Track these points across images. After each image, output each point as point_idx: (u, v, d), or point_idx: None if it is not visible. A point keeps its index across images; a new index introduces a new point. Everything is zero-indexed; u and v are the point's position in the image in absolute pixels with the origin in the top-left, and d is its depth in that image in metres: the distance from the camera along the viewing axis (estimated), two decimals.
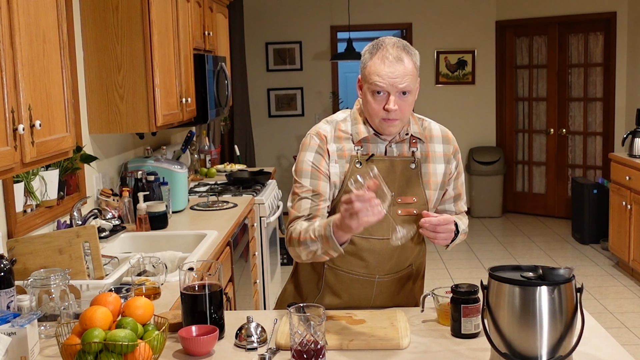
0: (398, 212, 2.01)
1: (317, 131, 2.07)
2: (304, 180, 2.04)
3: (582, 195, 6.41)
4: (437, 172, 2.07)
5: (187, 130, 4.86)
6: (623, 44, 6.84)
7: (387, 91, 1.93)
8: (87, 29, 3.17)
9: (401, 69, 1.93)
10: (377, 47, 1.97)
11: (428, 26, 7.62)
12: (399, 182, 2.02)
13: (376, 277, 2.08)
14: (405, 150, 2.05)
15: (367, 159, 2.01)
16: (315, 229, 1.90)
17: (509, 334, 1.58)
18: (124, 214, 3.21)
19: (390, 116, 1.94)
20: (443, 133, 2.12)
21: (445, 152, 2.09)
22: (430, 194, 2.05)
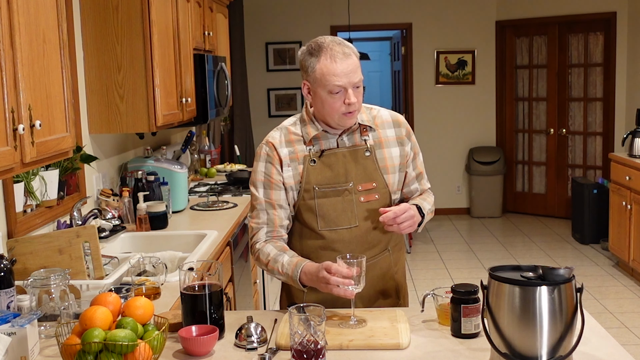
0: (361, 199, 2.08)
1: (266, 140, 2.15)
2: (258, 190, 2.12)
3: (582, 195, 6.41)
4: (393, 156, 2.14)
5: (187, 130, 4.86)
6: (623, 44, 6.84)
7: (344, 87, 1.99)
8: (87, 29, 3.17)
9: (352, 64, 2.00)
10: (319, 48, 2.01)
11: (428, 26, 7.62)
12: (356, 170, 2.09)
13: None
14: (357, 139, 2.12)
15: (319, 156, 2.09)
16: (283, 265, 2.01)
17: (509, 334, 1.58)
18: (124, 214, 3.21)
19: (350, 109, 2.02)
20: (393, 118, 2.19)
21: (398, 135, 2.16)
22: (389, 178, 2.12)
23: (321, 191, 2.08)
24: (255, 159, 2.14)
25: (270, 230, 2.10)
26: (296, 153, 2.10)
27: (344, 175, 2.08)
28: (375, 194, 2.10)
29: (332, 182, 2.08)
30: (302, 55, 2.05)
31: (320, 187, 2.08)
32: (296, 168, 2.10)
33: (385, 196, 2.12)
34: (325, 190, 2.08)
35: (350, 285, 1.84)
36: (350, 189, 2.08)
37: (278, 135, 2.14)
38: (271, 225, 2.10)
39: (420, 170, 2.22)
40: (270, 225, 2.10)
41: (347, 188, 2.08)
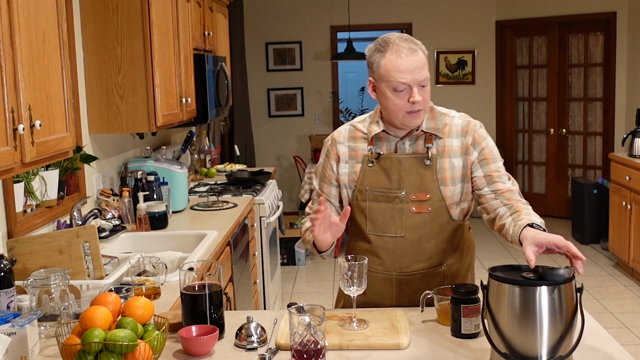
0: (412, 209, 2.02)
1: (332, 134, 2.16)
2: (315, 181, 2.19)
3: (582, 195, 6.41)
4: (455, 167, 2.03)
5: (187, 130, 4.86)
6: (623, 44, 6.84)
7: (409, 85, 1.93)
8: (87, 29, 3.17)
9: (418, 61, 1.94)
10: (386, 44, 1.96)
11: (428, 26, 7.62)
12: (411, 178, 2.02)
13: (393, 274, 2.09)
14: (420, 146, 2.05)
15: (375, 158, 2.05)
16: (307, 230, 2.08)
17: (509, 334, 1.57)
18: (124, 214, 3.21)
19: (415, 108, 1.95)
20: (463, 127, 2.06)
21: (463, 144, 2.04)
22: (446, 190, 2.03)
23: (373, 194, 2.05)
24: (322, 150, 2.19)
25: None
26: (357, 151, 2.08)
27: (397, 182, 2.03)
28: (428, 206, 2.03)
29: (385, 187, 2.04)
30: (369, 51, 2.01)
31: (373, 190, 2.05)
32: (353, 166, 2.08)
33: (440, 210, 2.04)
34: (377, 194, 2.05)
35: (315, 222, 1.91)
36: (402, 197, 2.03)
37: (344, 130, 2.13)
38: None
39: (492, 173, 2.02)
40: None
41: (399, 196, 2.03)
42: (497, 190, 2.00)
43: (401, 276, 2.09)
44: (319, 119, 7.81)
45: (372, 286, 2.10)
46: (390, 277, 2.11)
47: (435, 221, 2.04)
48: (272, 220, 4.27)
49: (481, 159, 2.04)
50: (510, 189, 2.01)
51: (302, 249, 6.06)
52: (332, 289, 5.37)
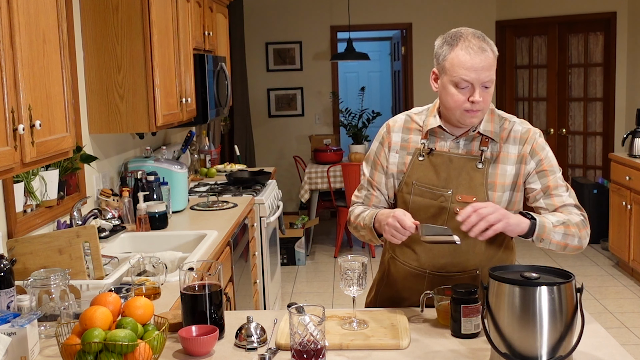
0: (456, 210, 1.96)
1: (388, 121, 2.13)
2: (366, 168, 2.15)
3: (582, 195, 6.41)
4: (507, 174, 1.99)
5: (187, 130, 4.86)
6: (623, 44, 6.84)
7: (471, 83, 1.90)
8: (87, 29, 3.17)
9: (486, 60, 1.90)
10: (457, 37, 1.92)
11: (428, 26, 7.62)
12: (459, 179, 1.99)
13: (427, 271, 2.07)
14: (474, 147, 2.01)
15: (427, 152, 2.02)
16: (364, 218, 2.05)
17: (509, 334, 1.58)
18: (124, 214, 3.21)
19: (474, 107, 1.92)
20: (522, 134, 2.01)
21: (520, 152, 2.00)
22: (493, 196, 1.98)
23: (419, 189, 2.02)
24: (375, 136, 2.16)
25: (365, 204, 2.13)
26: (409, 142, 2.05)
27: (445, 180, 1.99)
28: None
29: (432, 183, 2.00)
30: (438, 42, 1.98)
31: (419, 185, 2.02)
32: (403, 157, 2.06)
33: None
34: (422, 189, 2.01)
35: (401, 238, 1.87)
36: (448, 196, 1.99)
37: (400, 119, 2.11)
38: (367, 202, 2.12)
39: (549, 185, 1.99)
40: (366, 202, 2.12)
41: (444, 194, 1.99)
42: (552, 205, 1.98)
43: (434, 275, 2.06)
44: (319, 119, 7.81)
45: (403, 280, 2.12)
46: (423, 275, 2.08)
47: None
48: (272, 220, 4.27)
49: (539, 170, 2.00)
50: (564, 203, 1.98)
51: (302, 249, 6.07)
52: (332, 289, 5.37)
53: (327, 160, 6.54)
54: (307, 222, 6.21)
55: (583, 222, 1.98)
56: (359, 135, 6.75)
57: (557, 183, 2.00)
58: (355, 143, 6.74)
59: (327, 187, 6.31)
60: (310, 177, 6.31)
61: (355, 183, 6.58)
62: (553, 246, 1.92)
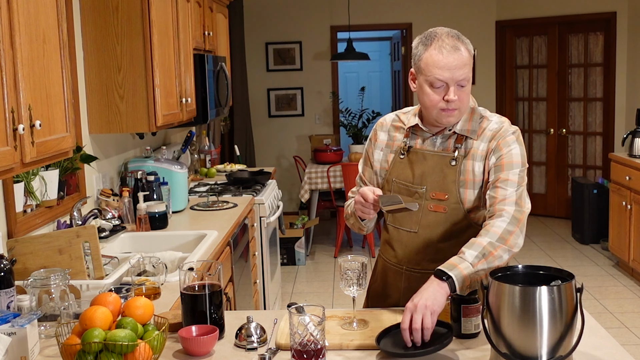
0: (429, 207, 2.01)
1: (379, 119, 2.20)
2: (359, 165, 2.23)
3: (582, 195, 6.41)
4: (476, 171, 1.99)
5: (187, 130, 4.86)
6: (623, 44, 6.84)
7: (445, 82, 1.91)
8: (87, 29, 3.17)
9: (459, 59, 1.91)
10: (431, 37, 1.94)
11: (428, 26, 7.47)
12: (433, 176, 2.01)
13: (403, 268, 2.10)
14: (450, 145, 2.02)
15: (406, 150, 2.06)
16: (351, 205, 2.11)
17: (509, 334, 1.58)
18: (124, 214, 3.21)
19: (449, 106, 1.92)
20: (494, 131, 1.99)
21: (487, 149, 1.98)
22: (465, 193, 1.98)
23: (397, 186, 2.06)
24: None
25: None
26: (394, 141, 2.11)
27: (420, 177, 2.02)
28: (444, 207, 1.99)
29: (408, 180, 2.05)
30: (415, 42, 2.00)
31: (398, 182, 2.07)
32: (386, 155, 2.11)
33: (457, 212, 1.98)
34: (400, 187, 2.06)
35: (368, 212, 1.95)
36: (422, 193, 2.01)
37: (389, 118, 2.17)
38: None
39: (498, 177, 1.92)
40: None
41: (418, 191, 2.02)
42: (493, 197, 1.92)
43: (411, 272, 2.09)
44: (319, 119, 7.81)
45: (385, 276, 2.18)
46: (401, 271, 2.11)
47: (450, 222, 2.00)
48: (272, 220, 4.27)
49: (497, 165, 1.96)
50: (504, 198, 1.90)
51: (302, 249, 6.07)
52: (332, 289, 5.37)
53: (327, 160, 6.54)
54: (307, 222, 6.21)
55: (508, 228, 1.85)
56: (359, 135, 6.75)
57: (508, 178, 1.92)
58: (355, 143, 6.75)
59: (327, 187, 6.31)
60: (310, 177, 6.31)
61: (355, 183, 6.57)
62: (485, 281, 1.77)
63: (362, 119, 6.86)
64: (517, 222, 1.88)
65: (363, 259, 1.87)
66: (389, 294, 2.17)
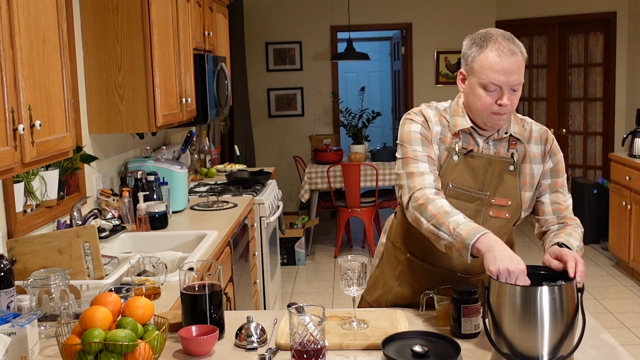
0: (490, 213, 1.96)
1: (420, 110, 2.02)
2: (415, 146, 1.96)
3: (582, 195, 6.41)
4: (534, 173, 1.99)
5: (187, 130, 4.86)
6: (623, 44, 6.84)
7: (500, 86, 1.87)
8: (87, 29, 3.17)
9: (515, 64, 1.85)
10: (487, 38, 1.88)
11: (428, 26, 7.62)
12: (495, 182, 1.97)
13: (457, 274, 2.06)
14: (502, 149, 1.99)
15: (465, 153, 1.97)
16: (458, 223, 1.77)
17: (510, 334, 1.57)
18: (124, 214, 3.21)
19: (501, 110, 1.89)
20: (541, 133, 2.03)
21: (542, 152, 2.01)
22: (524, 196, 1.99)
23: (454, 190, 1.97)
24: (404, 124, 2.01)
25: (436, 181, 1.93)
26: (446, 137, 1.99)
27: (482, 183, 1.96)
28: (507, 212, 1.97)
29: (469, 185, 1.97)
30: (466, 43, 1.94)
31: (455, 187, 1.97)
32: (441, 151, 1.99)
33: (516, 216, 2.00)
34: (458, 191, 1.97)
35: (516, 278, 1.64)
36: (484, 199, 1.97)
37: (432, 113, 2.02)
38: (436, 177, 1.94)
39: (557, 182, 2.01)
40: (436, 177, 1.94)
41: (481, 197, 1.97)
42: (557, 202, 2.00)
43: (466, 277, 2.06)
44: (319, 119, 7.80)
45: (427, 282, 2.06)
46: (454, 277, 2.06)
47: (508, 227, 2.01)
48: (272, 220, 4.27)
49: (554, 169, 2.01)
50: (568, 207, 2.01)
51: (302, 249, 6.06)
52: (332, 289, 5.37)
53: (327, 160, 6.54)
54: (307, 222, 6.21)
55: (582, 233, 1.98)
56: (359, 135, 6.75)
57: (564, 183, 2.05)
58: (355, 143, 6.74)
59: (327, 187, 6.31)
60: (310, 177, 6.31)
61: (355, 183, 6.60)
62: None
63: (362, 119, 6.86)
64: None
65: (363, 259, 1.87)
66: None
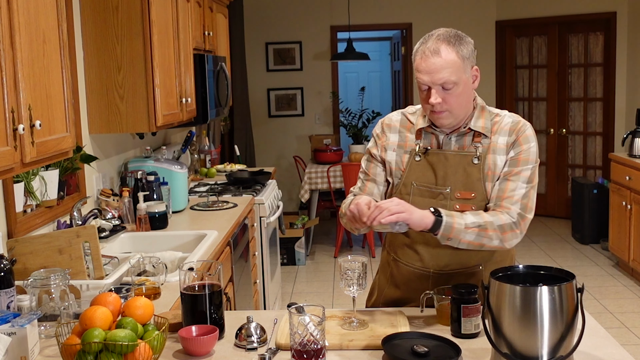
0: (456, 207, 1.98)
1: (382, 120, 2.16)
2: (363, 162, 2.18)
3: (582, 195, 6.41)
4: (497, 164, 1.98)
5: (187, 130, 4.86)
6: (623, 44, 6.84)
7: (428, 85, 1.92)
8: (87, 29, 3.17)
9: (438, 63, 1.89)
10: (422, 41, 1.96)
11: (428, 26, 7.54)
12: (457, 176, 1.99)
13: (430, 271, 2.07)
14: (466, 143, 2.01)
15: (422, 152, 2.03)
16: (347, 204, 2.04)
17: (510, 334, 1.57)
18: (124, 214, 3.21)
19: (435, 109, 1.93)
20: (512, 126, 2.00)
21: (508, 143, 1.99)
22: (489, 187, 1.99)
23: (418, 189, 2.03)
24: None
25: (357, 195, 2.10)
26: (406, 141, 2.07)
27: (443, 179, 2.00)
28: (472, 205, 1.98)
29: (430, 182, 2.02)
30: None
31: (418, 185, 2.03)
32: (401, 155, 2.07)
33: (482, 208, 1.99)
34: (422, 189, 2.02)
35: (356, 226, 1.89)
36: (446, 194, 2.00)
37: (395, 119, 2.13)
38: (358, 192, 2.14)
39: (512, 171, 1.97)
40: (357, 192, 2.14)
41: (443, 192, 2.00)
42: (501, 190, 1.97)
43: (439, 274, 2.07)
44: (319, 119, 7.81)
45: (409, 282, 2.11)
46: (428, 274, 2.08)
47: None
48: (272, 220, 4.27)
49: (514, 158, 1.98)
50: (511, 196, 1.94)
51: (302, 249, 6.07)
52: (332, 289, 5.37)
53: (327, 160, 6.54)
54: (307, 222, 6.21)
55: (512, 226, 1.93)
56: (359, 135, 6.75)
57: (521, 172, 1.97)
58: (355, 143, 6.75)
59: (327, 187, 6.31)
60: (310, 177, 6.31)
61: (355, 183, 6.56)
62: (464, 245, 1.91)
63: (362, 119, 6.87)
64: (519, 225, 1.95)
65: (363, 259, 1.87)
66: (413, 298, 2.11)
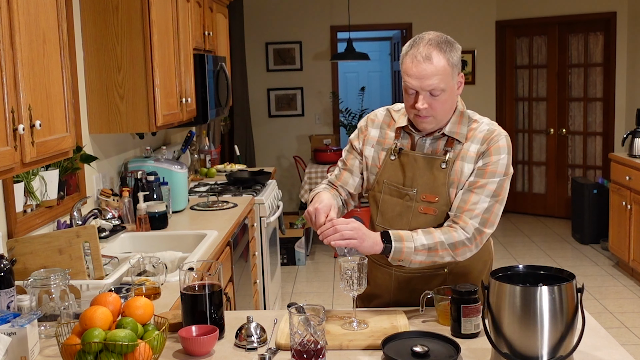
0: (420, 209, 2.01)
1: (369, 114, 2.19)
2: (344, 151, 2.21)
3: (582, 195, 6.41)
4: (465, 171, 1.98)
5: (187, 130, 4.86)
6: (623, 44, 6.84)
7: (415, 90, 1.92)
8: (87, 29, 3.17)
9: (429, 69, 1.89)
10: (412, 43, 1.96)
11: (428, 26, 7.56)
12: (424, 178, 2.01)
13: (393, 269, 2.10)
14: (440, 147, 2.02)
15: (397, 152, 2.06)
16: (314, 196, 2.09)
17: (510, 334, 1.57)
18: (124, 214, 3.21)
19: (420, 114, 1.94)
20: (486, 134, 1.98)
21: (479, 151, 1.97)
22: (452, 193, 1.99)
23: (388, 187, 2.07)
24: None
25: (331, 183, 2.19)
26: (385, 138, 2.10)
27: (411, 180, 2.02)
28: (435, 209, 2.00)
29: (399, 182, 2.05)
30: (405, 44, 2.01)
31: (389, 184, 2.06)
32: (378, 153, 2.10)
33: (444, 213, 2.00)
34: (391, 188, 2.06)
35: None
36: (412, 195, 2.02)
37: (380, 114, 2.16)
38: (334, 180, 2.19)
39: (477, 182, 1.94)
40: (333, 179, 2.19)
41: (409, 193, 2.03)
42: (463, 201, 1.95)
43: (400, 273, 2.10)
44: (319, 119, 7.81)
45: (375, 278, 2.15)
46: (390, 272, 2.12)
47: (439, 224, 2.01)
48: (272, 220, 4.27)
49: (481, 169, 1.96)
50: (472, 209, 1.93)
51: (302, 249, 6.07)
52: (332, 289, 5.37)
53: (327, 160, 6.54)
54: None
55: (465, 242, 1.93)
56: None
57: (486, 185, 1.94)
58: None
59: None
60: (310, 177, 6.31)
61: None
62: (416, 265, 1.96)
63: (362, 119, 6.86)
64: (474, 240, 1.96)
65: (363, 259, 1.87)
66: (379, 294, 2.16)
